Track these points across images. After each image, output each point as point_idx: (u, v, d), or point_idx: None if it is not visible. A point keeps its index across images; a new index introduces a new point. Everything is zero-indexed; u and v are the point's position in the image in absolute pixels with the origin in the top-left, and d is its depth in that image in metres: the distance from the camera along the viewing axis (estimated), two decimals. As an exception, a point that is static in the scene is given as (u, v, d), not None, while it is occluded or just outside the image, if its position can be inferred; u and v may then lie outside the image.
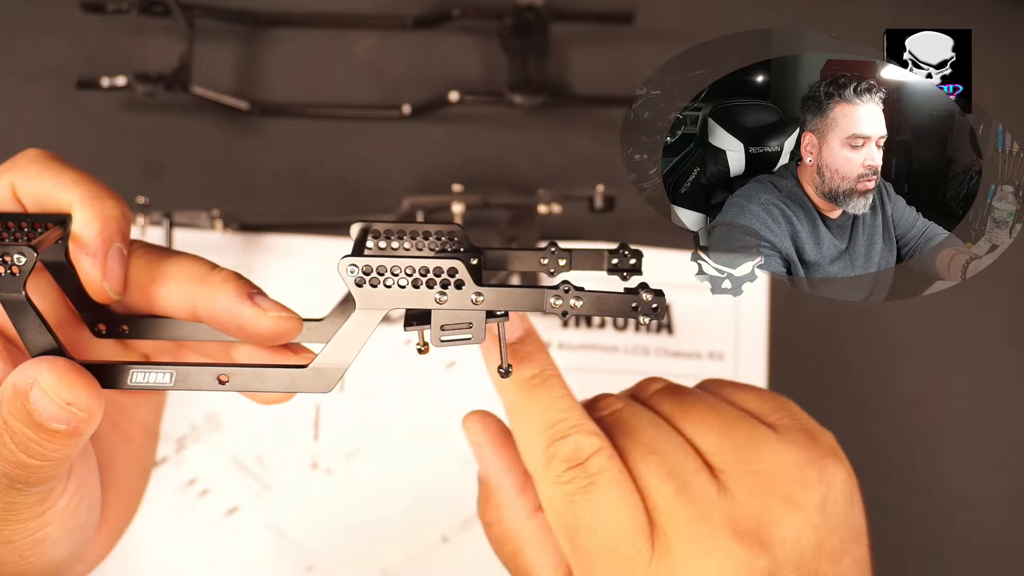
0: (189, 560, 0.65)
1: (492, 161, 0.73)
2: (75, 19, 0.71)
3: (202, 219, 0.68)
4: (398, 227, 0.43)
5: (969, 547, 0.69)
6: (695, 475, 0.42)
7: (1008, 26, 0.76)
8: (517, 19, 0.73)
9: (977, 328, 0.72)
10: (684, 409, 0.44)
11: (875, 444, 0.70)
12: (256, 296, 0.41)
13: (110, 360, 0.41)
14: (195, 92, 0.70)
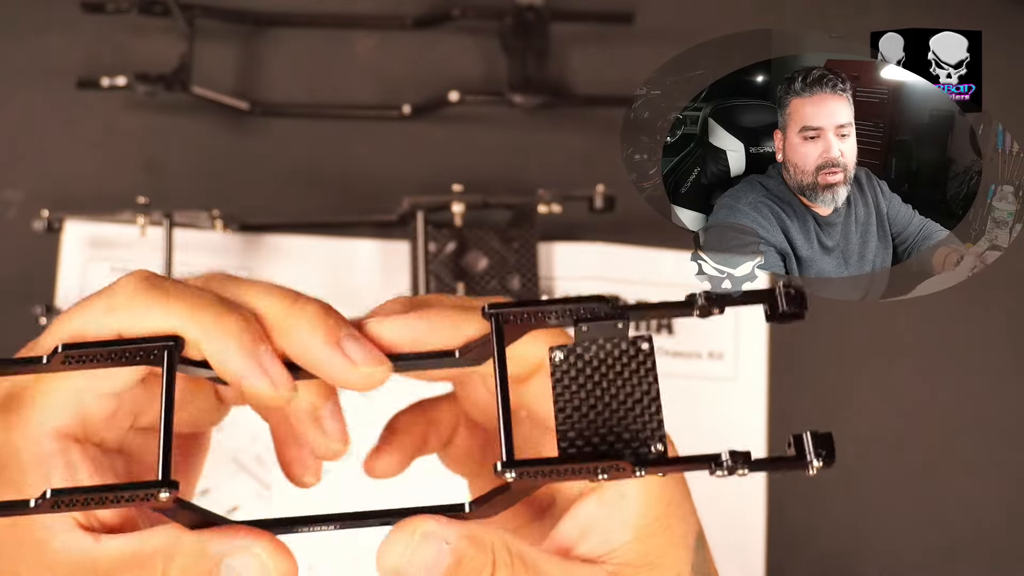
0: (189, 560, 0.65)
1: (492, 161, 0.73)
2: (75, 19, 0.71)
3: (202, 219, 0.68)
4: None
5: (969, 547, 0.69)
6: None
7: (1008, 26, 0.76)
8: (517, 19, 0.73)
9: (977, 328, 0.72)
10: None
11: (874, 444, 0.70)
12: (346, 341, 0.39)
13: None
14: (195, 92, 0.70)
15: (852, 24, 0.74)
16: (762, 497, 0.68)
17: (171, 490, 0.35)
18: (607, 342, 0.38)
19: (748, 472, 0.37)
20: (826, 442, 0.38)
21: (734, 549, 0.67)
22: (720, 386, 0.69)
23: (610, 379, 0.37)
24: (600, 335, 0.38)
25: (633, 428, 0.37)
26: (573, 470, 0.36)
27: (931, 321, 0.72)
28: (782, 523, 0.68)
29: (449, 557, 0.38)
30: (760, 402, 0.69)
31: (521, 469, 0.36)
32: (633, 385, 0.37)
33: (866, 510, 0.69)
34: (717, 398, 0.69)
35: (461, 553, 0.38)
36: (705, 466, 0.37)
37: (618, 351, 0.38)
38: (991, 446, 0.70)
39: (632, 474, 0.36)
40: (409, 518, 0.39)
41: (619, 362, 0.38)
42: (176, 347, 0.37)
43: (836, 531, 0.69)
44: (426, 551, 0.38)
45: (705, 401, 0.69)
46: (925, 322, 0.72)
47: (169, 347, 0.37)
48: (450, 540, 0.38)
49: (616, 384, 0.37)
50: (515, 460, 0.36)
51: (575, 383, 0.37)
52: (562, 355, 0.38)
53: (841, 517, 0.69)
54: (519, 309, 0.38)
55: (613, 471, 0.36)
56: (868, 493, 0.70)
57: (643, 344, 0.38)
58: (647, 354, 0.38)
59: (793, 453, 0.38)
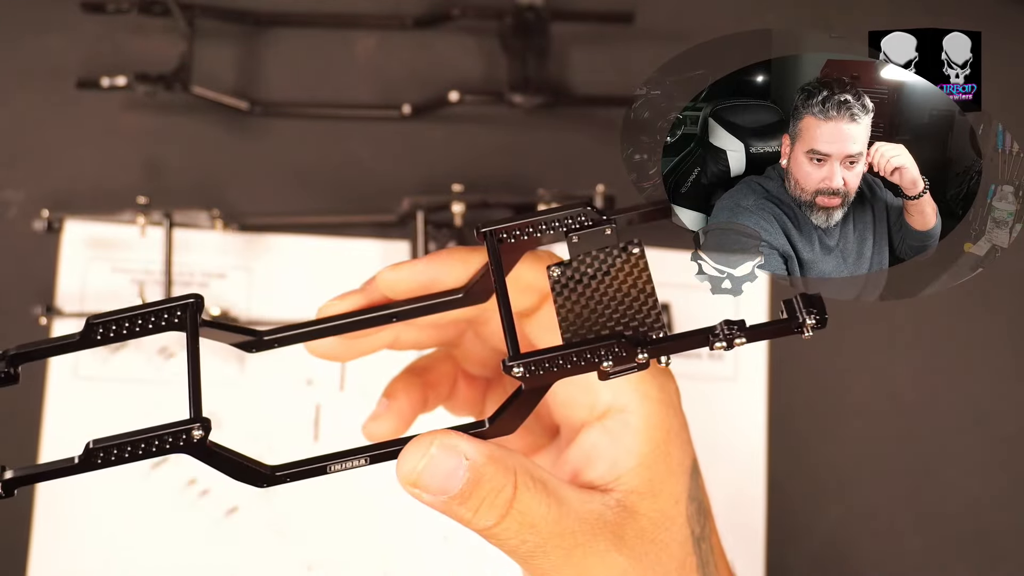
0: (189, 560, 0.65)
1: (492, 161, 0.73)
2: (75, 19, 0.71)
3: (202, 219, 0.68)
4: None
5: (969, 547, 0.69)
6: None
7: (1008, 26, 0.76)
8: (517, 19, 0.73)
9: (977, 328, 0.72)
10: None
11: (874, 444, 0.70)
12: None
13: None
14: (195, 92, 0.70)
15: (852, 24, 0.74)
16: (762, 495, 0.68)
17: (203, 428, 0.37)
18: (600, 252, 0.40)
19: (746, 341, 0.38)
20: (816, 302, 0.38)
21: (734, 544, 0.67)
22: (720, 386, 0.69)
23: (607, 284, 0.40)
24: (592, 246, 0.40)
25: (632, 324, 0.39)
26: (577, 355, 0.37)
27: (931, 321, 0.72)
28: (782, 520, 0.68)
29: (468, 474, 0.39)
30: (760, 402, 0.69)
31: (527, 361, 0.37)
32: (628, 286, 0.40)
33: (866, 509, 0.69)
34: (717, 398, 0.69)
35: (481, 472, 0.39)
36: (704, 340, 0.38)
37: (611, 258, 0.40)
38: (991, 446, 0.70)
39: (634, 357, 0.38)
40: (429, 432, 0.40)
41: (613, 267, 0.40)
42: (196, 305, 0.39)
43: (836, 530, 0.69)
44: (444, 462, 0.39)
45: (705, 401, 0.69)
46: (925, 322, 0.72)
47: (191, 304, 0.39)
48: (470, 456, 0.39)
49: (612, 287, 0.40)
50: (520, 354, 0.37)
51: (575, 293, 0.40)
52: (559, 270, 0.40)
53: (841, 516, 0.69)
54: (510, 224, 0.40)
55: (616, 356, 0.37)
56: (868, 492, 0.70)
57: (633, 248, 0.40)
58: (639, 256, 0.40)
59: (785, 316, 0.39)
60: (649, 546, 0.41)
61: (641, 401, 0.42)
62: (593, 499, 0.41)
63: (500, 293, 0.39)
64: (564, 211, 0.40)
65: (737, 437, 0.69)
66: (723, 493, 0.66)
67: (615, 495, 0.42)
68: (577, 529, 0.40)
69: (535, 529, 0.40)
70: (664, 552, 0.42)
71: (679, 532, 0.42)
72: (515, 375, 0.37)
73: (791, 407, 0.70)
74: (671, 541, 0.42)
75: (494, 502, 0.39)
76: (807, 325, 0.38)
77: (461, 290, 0.43)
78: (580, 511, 0.40)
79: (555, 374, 0.38)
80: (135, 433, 0.37)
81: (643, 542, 0.41)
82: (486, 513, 0.39)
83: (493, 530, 0.40)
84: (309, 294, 0.69)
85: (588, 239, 0.40)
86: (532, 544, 0.40)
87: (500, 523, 0.39)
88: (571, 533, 0.40)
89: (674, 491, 0.42)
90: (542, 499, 0.40)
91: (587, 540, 0.40)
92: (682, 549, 0.42)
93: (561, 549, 0.40)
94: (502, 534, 0.40)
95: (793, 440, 0.69)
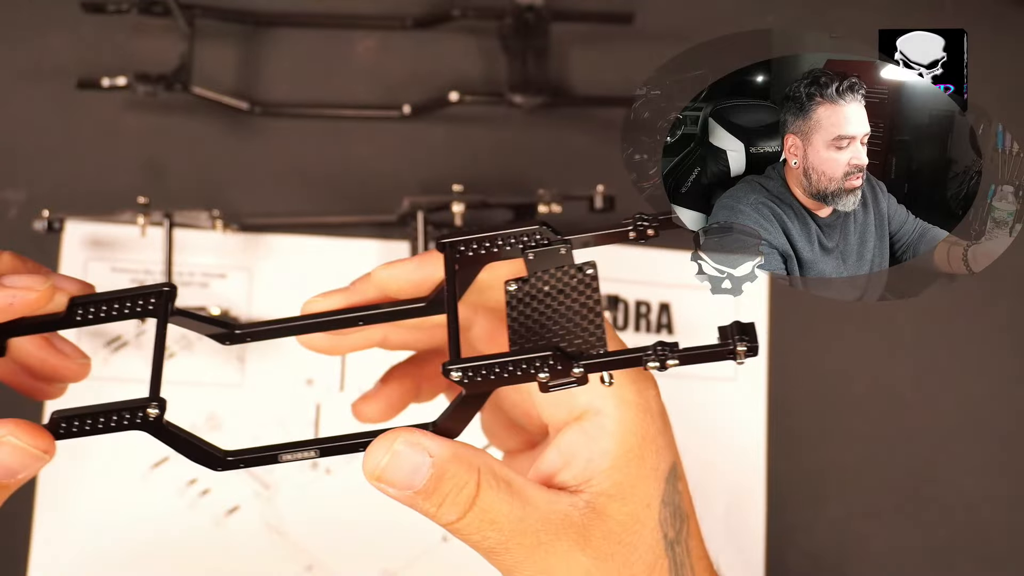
0: (190, 560, 0.65)
1: (492, 161, 0.73)
2: (75, 19, 0.71)
3: (202, 219, 0.68)
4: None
5: (969, 547, 0.69)
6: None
7: (1008, 26, 0.76)
8: (517, 19, 0.73)
9: (977, 328, 0.72)
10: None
11: (875, 444, 0.70)
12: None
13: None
14: (195, 92, 0.70)
15: (852, 24, 0.74)
16: (762, 495, 0.68)
17: (159, 407, 0.39)
18: (557, 270, 0.42)
19: (678, 363, 0.39)
20: (748, 330, 0.39)
21: (734, 545, 0.67)
22: (720, 386, 0.69)
23: (559, 301, 0.41)
24: (550, 264, 0.42)
25: (576, 341, 0.41)
26: (514, 364, 0.39)
27: (931, 321, 0.72)
28: (782, 520, 0.68)
29: (432, 470, 0.40)
30: (760, 402, 0.69)
31: (466, 366, 0.39)
32: (580, 304, 0.41)
33: (866, 509, 0.69)
34: (717, 398, 0.69)
35: (444, 469, 0.40)
36: (636, 360, 0.39)
37: (567, 277, 0.42)
38: (991, 446, 0.70)
39: (570, 370, 0.39)
40: (394, 428, 0.41)
41: (568, 286, 0.42)
42: (169, 294, 0.42)
43: (835, 530, 0.69)
44: (408, 458, 0.40)
45: (705, 401, 0.69)
46: (925, 322, 0.72)
47: (164, 292, 0.42)
48: (434, 453, 0.40)
49: (564, 305, 0.41)
50: (460, 359, 0.39)
51: (528, 308, 0.42)
52: (516, 285, 0.42)
53: (841, 516, 0.69)
54: (469, 238, 0.42)
55: (552, 368, 0.39)
56: (867, 492, 0.70)
57: (588, 269, 0.42)
58: (592, 277, 0.42)
59: (719, 341, 0.39)
60: (616, 547, 0.42)
61: (617, 405, 0.43)
62: (560, 499, 0.42)
63: (449, 300, 0.41)
64: (521, 229, 0.42)
65: (737, 437, 0.69)
66: (723, 493, 0.66)
67: (585, 496, 0.42)
68: (540, 528, 0.41)
69: (497, 526, 0.41)
70: (633, 554, 0.42)
71: (649, 535, 0.43)
72: (453, 379, 0.39)
73: (791, 407, 0.70)
74: (640, 544, 0.43)
75: (456, 498, 0.40)
76: (739, 352, 0.39)
77: (425, 299, 0.44)
78: (544, 511, 0.41)
79: (493, 382, 0.39)
80: (95, 407, 0.39)
81: (610, 543, 0.42)
82: (449, 508, 0.40)
83: (456, 525, 0.41)
84: (309, 294, 0.69)
85: (544, 257, 0.42)
86: (494, 540, 0.41)
87: (462, 519, 0.40)
88: (534, 532, 0.41)
89: (646, 495, 0.43)
90: (505, 497, 0.41)
91: (550, 539, 0.41)
92: (652, 552, 0.43)
93: (523, 547, 0.41)
94: (465, 529, 0.41)
95: (793, 440, 0.69)
